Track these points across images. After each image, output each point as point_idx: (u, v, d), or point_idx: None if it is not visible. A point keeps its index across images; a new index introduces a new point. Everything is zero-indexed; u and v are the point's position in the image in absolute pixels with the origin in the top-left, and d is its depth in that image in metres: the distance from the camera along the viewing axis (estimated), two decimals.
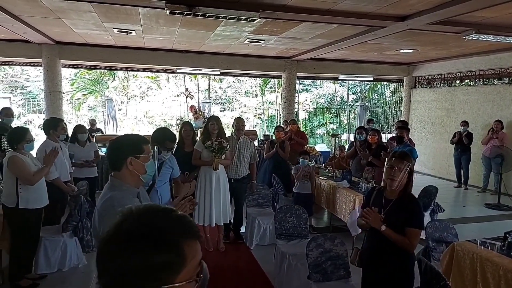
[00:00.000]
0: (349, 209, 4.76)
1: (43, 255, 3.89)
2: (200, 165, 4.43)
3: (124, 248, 0.73)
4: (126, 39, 7.41)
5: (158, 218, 0.78)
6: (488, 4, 4.32)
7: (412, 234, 2.36)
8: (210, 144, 4.25)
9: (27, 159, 3.58)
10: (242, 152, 4.73)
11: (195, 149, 4.45)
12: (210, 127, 4.41)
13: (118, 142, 1.97)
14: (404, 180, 2.39)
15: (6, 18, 5.52)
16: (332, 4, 4.67)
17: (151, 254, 0.73)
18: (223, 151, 4.31)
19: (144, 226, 0.76)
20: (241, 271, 4.24)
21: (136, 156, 1.87)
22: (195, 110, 11.36)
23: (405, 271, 2.43)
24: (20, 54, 8.02)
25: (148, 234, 0.74)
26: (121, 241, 0.74)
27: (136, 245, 0.73)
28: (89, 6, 4.91)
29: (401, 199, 2.43)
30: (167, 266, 0.74)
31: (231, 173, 4.69)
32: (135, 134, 2.14)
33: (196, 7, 4.53)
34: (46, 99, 8.37)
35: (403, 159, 2.40)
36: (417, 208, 2.45)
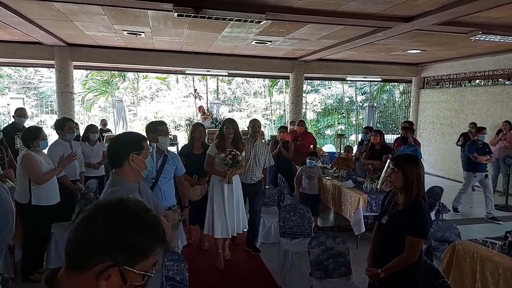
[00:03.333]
0: (354, 208, 4.81)
1: (54, 250, 4.01)
2: (213, 173, 4.14)
3: (122, 221, 0.85)
4: (135, 41, 7.55)
5: (150, 214, 0.91)
6: (494, 4, 4.32)
7: (411, 243, 2.25)
8: (224, 157, 3.90)
9: (40, 158, 3.71)
10: (258, 156, 4.48)
11: (208, 154, 4.11)
12: (225, 131, 4.05)
13: (119, 140, 2.08)
14: (400, 183, 2.34)
15: (20, 21, 5.68)
16: (337, 6, 4.72)
17: (137, 233, 0.85)
18: (237, 165, 3.97)
19: (141, 209, 0.88)
20: (245, 268, 4.31)
21: (137, 153, 1.97)
22: (204, 111, 11.49)
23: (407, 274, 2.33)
24: (32, 55, 8.21)
25: (144, 217, 0.86)
26: (124, 214, 0.86)
27: (132, 221, 0.85)
28: (100, 9, 5.04)
29: (407, 204, 2.33)
30: (141, 248, 0.85)
31: (246, 178, 4.41)
32: (134, 132, 2.26)
33: (203, 9, 4.62)
34: (58, 100, 8.57)
35: (397, 163, 2.38)
36: (420, 215, 2.29)
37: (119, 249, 0.83)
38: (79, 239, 0.85)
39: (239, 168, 4.02)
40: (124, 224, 0.85)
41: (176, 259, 2.69)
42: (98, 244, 0.83)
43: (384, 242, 2.44)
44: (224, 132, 4.08)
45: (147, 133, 3.42)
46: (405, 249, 2.26)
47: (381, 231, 2.50)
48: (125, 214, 0.87)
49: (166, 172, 3.32)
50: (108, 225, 0.84)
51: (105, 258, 0.83)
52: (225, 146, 4.02)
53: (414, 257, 2.27)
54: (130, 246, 0.84)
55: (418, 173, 2.32)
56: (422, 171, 2.35)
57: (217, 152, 4.02)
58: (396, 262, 2.29)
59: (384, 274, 2.32)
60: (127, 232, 0.84)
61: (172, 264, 2.66)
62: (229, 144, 4.05)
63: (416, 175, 2.31)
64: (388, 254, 2.35)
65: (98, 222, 0.85)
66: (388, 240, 2.39)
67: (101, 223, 0.85)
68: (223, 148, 3.99)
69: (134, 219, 0.87)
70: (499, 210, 6.84)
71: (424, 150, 10.81)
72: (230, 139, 4.06)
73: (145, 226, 0.87)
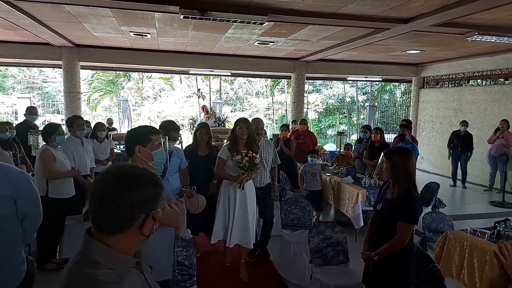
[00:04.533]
0: (353, 203, 4.99)
1: (67, 241, 4.22)
2: (224, 178, 3.79)
3: (136, 186, 1.09)
4: (141, 42, 7.76)
5: (146, 171, 1.16)
6: (487, 6, 4.50)
7: (402, 228, 2.44)
8: (240, 159, 3.53)
9: (57, 153, 3.93)
10: (264, 156, 4.17)
11: (219, 157, 3.77)
12: (238, 132, 3.69)
13: (129, 133, 2.33)
14: (390, 173, 2.56)
15: (32, 22, 5.90)
16: (336, 8, 4.91)
17: (145, 188, 1.10)
18: (254, 169, 3.59)
19: (141, 170, 1.15)
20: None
21: (143, 145, 2.17)
22: (207, 110, 11.70)
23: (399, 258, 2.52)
24: (41, 56, 8.43)
25: (143, 175, 1.13)
26: (132, 180, 1.10)
27: (141, 183, 1.11)
28: (109, 11, 5.25)
29: (399, 194, 2.50)
30: (154, 196, 1.12)
31: (256, 181, 4.03)
32: (145, 126, 2.43)
33: (208, 11, 4.83)
34: (65, 99, 8.78)
35: (387, 155, 2.59)
36: (410, 203, 2.47)
37: (143, 205, 1.09)
38: (118, 213, 1.06)
39: (255, 171, 3.67)
40: (138, 184, 1.10)
41: (185, 246, 2.90)
42: (133, 208, 1.07)
43: (378, 228, 2.63)
44: (237, 133, 3.71)
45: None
46: (396, 234, 2.45)
47: (376, 217, 2.70)
48: (133, 178, 1.11)
49: (172, 166, 3.56)
50: (128, 192, 1.07)
51: (139, 215, 1.08)
52: (238, 148, 3.67)
53: (404, 241, 2.46)
54: (148, 198, 1.10)
55: (406, 164, 2.49)
56: (410, 163, 2.52)
57: (229, 155, 3.67)
58: (388, 245, 2.48)
59: (377, 257, 2.51)
60: (142, 191, 1.09)
61: (181, 250, 2.86)
62: (242, 146, 3.71)
63: (404, 166, 2.49)
64: (382, 239, 2.54)
65: (123, 195, 1.06)
66: (382, 226, 2.59)
67: (122, 193, 1.07)
68: (237, 150, 3.65)
69: (140, 177, 1.12)
70: (495, 206, 7.02)
71: (424, 148, 11.02)
72: (243, 140, 3.71)
73: (147, 181, 1.12)
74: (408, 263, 2.54)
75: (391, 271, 2.52)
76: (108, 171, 1.13)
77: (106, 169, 1.16)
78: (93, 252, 1.04)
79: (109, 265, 1.03)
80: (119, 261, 1.05)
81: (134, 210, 1.06)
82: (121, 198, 1.05)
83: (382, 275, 2.56)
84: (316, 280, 3.11)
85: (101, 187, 1.08)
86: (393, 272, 2.52)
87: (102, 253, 1.04)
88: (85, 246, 1.07)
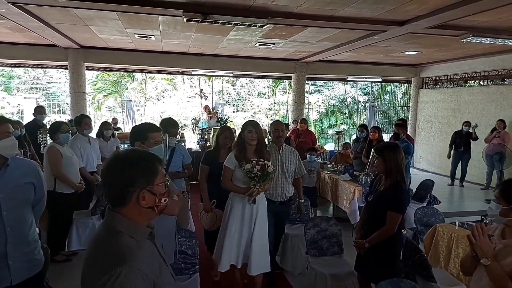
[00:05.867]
0: (349, 199, 5.17)
1: (75, 234, 4.42)
2: (232, 191, 3.24)
3: (129, 164, 1.29)
4: (145, 43, 7.96)
5: (140, 150, 1.41)
6: (479, 10, 4.67)
7: (390, 217, 2.63)
8: (250, 168, 3.05)
9: (63, 149, 4.13)
10: (286, 165, 3.59)
11: (226, 167, 3.22)
12: (246, 136, 3.20)
13: (132, 130, 2.55)
14: (382, 168, 2.73)
15: (40, 25, 6.12)
16: (334, 11, 5.09)
17: (138, 167, 1.28)
18: (267, 179, 3.10)
19: (133, 151, 1.40)
20: None
21: (142, 142, 2.38)
22: (209, 110, 11.88)
23: (388, 245, 2.72)
24: (48, 57, 8.65)
25: (137, 156, 1.32)
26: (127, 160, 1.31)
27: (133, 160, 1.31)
28: (115, 14, 5.45)
29: (389, 186, 2.71)
30: (148, 172, 1.28)
31: (276, 195, 3.53)
32: (145, 123, 2.62)
33: (210, 15, 5.02)
34: (71, 100, 9.01)
35: (379, 151, 2.77)
36: (398, 194, 2.65)
37: (136, 179, 1.26)
38: (113, 187, 1.27)
39: (268, 182, 3.16)
40: (131, 164, 1.29)
41: (188, 236, 3.09)
42: (127, 184, 1.26)
43: (370, 218, 2.83)
44: (245, 138, 3.21)
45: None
46: (385, 223, 2.64)
47: (367, 208, 2.89)
48: (128, 159, 1.31)
49: (175, 162, 3.71)
50: (123, 170, 1.27)
51: (135, 189, 1.26)
52: (246, 155, 3.17)
53: (393, 229, 2.65)
54: (139, 175, 1.27)
55: (396, 158, 2.69)
56: (400, 157, 2.71)
57: (237, 164, 3.17)
58: (378, 234, 2.67)
59: (368, 244, 2.70)
60: (135, 167, 1.28)
61: (184, 240, 3.06)
62: (251, 153, 3.20)
63: (395, 160, 2.68)
64: (373, 228, 2.74)
65: (117, 172, 1.28)
66: (373, 216, 2.78)
67: (119, 172, 1.28)
68: (245, 158, 3.16)
69: (135, 158, 1.31)
70: None
71: (423, 148, 11.18)
72: (252, 146, 3.21)
73: (143, 158, 1.31)
74: (396, 250, 2.73)
75: (381, 258, 2.71)
76: (111, 156, 1.35)
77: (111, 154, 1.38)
78: (113, 221, 1.26)
79: (130, 233, 1.23)
80: (136, 229, 1.26)
81: (127, 185, 1.25)
82: (116, 176, 1.27)
83: (372, 262, 2.74)
84: (311, 270, 3.29)
85: (104, 167, 1.31)
86: (383, 259, 2.71)
87: (121, 223, 1.25)
88: (108, 218, 1.28)
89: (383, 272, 2.61)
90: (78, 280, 1.27)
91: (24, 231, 2.12)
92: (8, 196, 2.03)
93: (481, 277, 1.81)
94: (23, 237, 2.11)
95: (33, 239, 2.20)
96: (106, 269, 1.13)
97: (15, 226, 2.06)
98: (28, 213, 2.17)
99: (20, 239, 2.09)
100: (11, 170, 2.08)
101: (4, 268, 2.00)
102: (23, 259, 2.10)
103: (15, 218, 2.07)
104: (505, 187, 1.89)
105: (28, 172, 2.17)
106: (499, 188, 1.91)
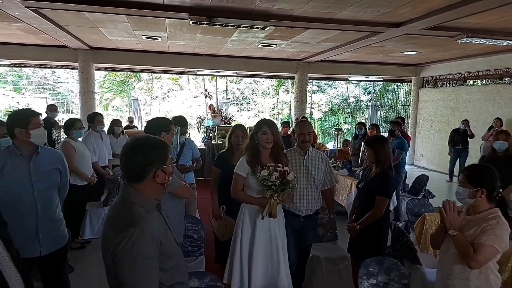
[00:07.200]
0: (346, 192, 5.44)
1: (88, 224, 4.73)
2: (244, 202, 2.83)
3: (150, 147, 1.58)
4: (152, 44, 8.27)
5: (157, 138, 1.71)
6: (469, 12, 4.91)
7: (378, 201, 2.93)
8: (267, 175, 2.61)
9: (77, 144, 4.44)
10: (312, 173, 3.05)
11: (237, 174, 2.81)
12: (261, 138, 2.77)
13: (154, 123, 2.87)
14: (372, 158, 3.04)
15: (53, 27, 6.44)
16: (332, 14, 5.35)
17: (156, 150, 1.57)
18: (287, 188, 2.65)
19: (152, 138, 1.67)
20: None
21: (166, 132, 2.75)
22: (214, 109, 12.18)
23: (377, 227, 3.01)
24: (58, 58, 9.00)
25: (155, 140, 1.63)
26: (147, 144, 1.60)
27: (152, 145, 1.59)
28: (124, 17, 5.75)
29: (377, 173, 3.02)
30: (162, 155, 1.58)
31: (301, 207, 3.02)
32: (165, 118, 3.05)
33: (214, 18, 5.31)
34: (80, 99, 9.36)
35: (369, 144, 3.09)
36: (386, 179, 2.97)
37: (155, 160, 1.55)
38: (135, 166, 1.55)
39: (288, 192, 2.71)
40: (150, 147, 1.57)
41: (194, 222, 3.39)
42: (147, 164, 1.55)
43: (361, 203, 3.12)
44: (259, 140, 2.78)
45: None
46: (374, 206, 2.93)
47: (359, 195, 3.17)
48: (148, 144, 1.59)
49: (184, 155, 4.00)
50: (144, 153, 1.55)
51: (152, 168, 1.55)
52: (260, 160, 2.76)
53: (381, 212, 2.94)
54: (159, 155, 1.57)
55: (384, 149, 3.00)
56: (387, 148, 3.04)
57: (250, 171, 2.76)
58: (367, 216, 2.96)
59: (359, 227, 2.99)
60: (154, 151, 1.57)
61: (191, 225, 3.35)
62: (266, 158, 2.80)
63: (383, 151, 2.99)
64: (363, 212, 3.04)
65: (138, 154, 1.56)
66: (363, 201, 3.08)
67: (140, 154, 1.56)
68: (260, 163, 2.74)
69: (153, 144, 1.60)
70: None
71: (423, 146, 11.41)
72: (267, 150, 2.79)
73: (159, 144, 1.61)
74: (383, 231, 3.04)
75: (370, 239, 3.00)
76: (130, 140, 1.63)
77: (130, 138, 1.66)
78: (128, 194, 1.55)
79: (141, 204, 1.52)
80: (146, 201, 1.54)
81: (146, 165, 1.53)
82: (136, 157, 1.54)
83: (362, 243, 3.03)
84: None
85: (125, 150, 1.59)
86: (372, 241, 2.99)
87: (134, 195, 1.54)
88: (123, 191, 1.58)
89: (372, 251, 2.88)
90: (91, 265, 1.60)
91: (52, 209, 2.45)
92: (39, 179, 2.36)
93: (448, 247, 2.10)
94: (51, 215, 2.44)
95: (59, 217, 2.52)
96: (122, 229, 1.42)
97: (45, 205, 2.40)
98: (55, 195, 2.50)
99: (49, 216, 2.42)
100: (42, 157, 2.40)
101: (35, 240, 2.32)
102: (51, 234, 2.43)
103: (45, 198, 2.41)
104: (471, 173, 2.15)
105: (55, 159, 2.50)
106: (463, 173, 2.16)
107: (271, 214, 2.64)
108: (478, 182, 2.07)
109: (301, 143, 3.06)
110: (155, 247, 1.44)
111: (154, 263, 1.44)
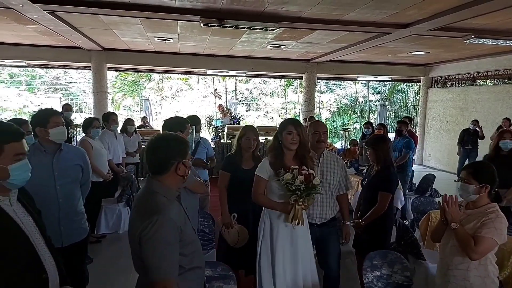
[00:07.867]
0: (354, 191, 5.53)
1: (103, 219, 4.92)
2: (266, 207, 2.66)
3: (173, 143, 1.74)
4: (164, 45, 8.46)
5: (179, 136, 1.85)
6: (475, 14, 4.97)
7: (381, 197, 3.04)
8: (291, 179, 2.42)
9: (94, 143, 4.62)
10: (327, 177, 2.84)
11: (258, 177, 2.63)
12: (285, 138, 2.57)
13: (171, 122, 3.04)
14: (373, 156, 3.18)
15: (68, 29, 6.65)
16: (340, 15, 5.46)
17: (178, 145, 1.72)
18: (312, 193, 2.47)
19: (175, 135, 1.82)
20: None
21: (182, 131, 2.89)
22: (223, 109, 12.36)
23: (381, 223, 3.13)
24: (73, 59, 9.26)
25: (178, 137, 1.79)
26: (170, 140, 1.77)
27: (175, 141, 1.75)
28: (137, 20, 5.93)
29: (379, 170, 3.17)
30: (183, 150, 1.73)
31: (314, 215, 2.82)
32: (178, 116, 3.25)
33: (225, 20, 5.46)
34: (93, 98, 9.60)
35: (370, 144, 3.22)
36: (388, 175, 3.11)
37: (177, 154, 1.70)
38: (159, 160, 1.70)
39: (313, 197, 2.56)
40: (173, 143, 1.72)
41: (206, 217, 3.54)
42: (170, 157, 1.70)
43: (365, 200, 3.23)
44: (283, 141, 2.58)
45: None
46: (377, 202, 3.04)
47: (363, 192, 3.29)
48: (170, 140, 1.75)
49: (199, 153, 4.14)
50: (168, 148, 1.71)
51: (174, 161, 1.69)
52: (284, 163, 2.56)
53: (384, 207, 3.05)
54: (180, 150, 1.71)
55: (384, 148, 3.15)
56: (387, 146, 3.18)
57: (272, 173, 2.57)
58: (371, 212, 3.08)
59: (363, 222, 3.11)
60: (176, 146, 1.72)
61: (203, 220, 3.50)
62: (290, 160, 2.60)
63: (383, 149, 3.14)
64: (368, 209, 3.15)
65: (162, 149, 1.71)
66: (367, 197, 3.19)
67: (164, 149, 1.71)
68: (283, 166, 2.53)
69: (175, 140, 1.75)
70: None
71: (432, 146, 11.42)
72: (292, 151, 2.60)
73: (180, 140, 1.77)
74: (387, 227, 3.14)
75: (373, 235, 3.10)
76: (154, 137, 1.78)
77: (153, 135, 1.81)
78: (152, 185, 1.70)
79: (163, 194, 1.67)
80: (168, 191, 1.69)
81: (169, 159, 1.68)
82: (161, 151, 1.70)
83: (366, 239, 3.14)
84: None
85: (148, 145, 1.74)
86: (375, 237, 3.10)
87: (157, 186, 1.69)
88: (148, 183, 1.73)
89: (375, 246, 2.99)
90: (107, 257, 1.75)
91: (74, 203, 2.62)
92: (62, 174, 2.53)
93: (449, 240, 2.22)
94: (72, 208, 2.61)
95: (80, 211, 2.69)
96: (147, 216, 1.57)
97: (66, 198, 2.56)
98: (76, 190, 2.67)
99: (70, 209, 2.59)
100: (64, 153, 2.57)
101: (57, 232, 2.49)
102: (72, 226, 2.59)
103: (66, 192, 2.57)
104: (475, 170, 2.25)
105: (77, 156, 2.67)
106: (467, 171, 2.27)
107: (299, 222, 2.45)
108: (482, 179, 2.17)
109: (316, 142, 2.84)
110: (176, 233, 1.58)
111: (175, 247, 1.58)
